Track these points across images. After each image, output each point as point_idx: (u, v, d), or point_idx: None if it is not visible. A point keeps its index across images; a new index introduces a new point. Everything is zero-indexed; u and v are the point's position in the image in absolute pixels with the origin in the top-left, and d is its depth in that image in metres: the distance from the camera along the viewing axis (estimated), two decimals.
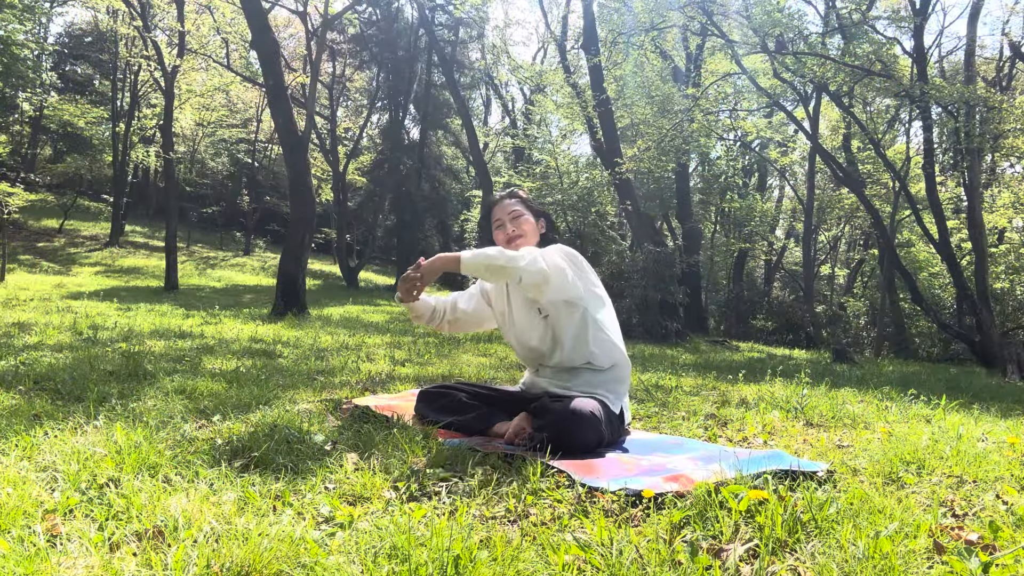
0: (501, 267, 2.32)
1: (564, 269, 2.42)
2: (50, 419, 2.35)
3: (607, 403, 2.40)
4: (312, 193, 11.57)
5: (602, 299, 2.59)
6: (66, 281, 16.81)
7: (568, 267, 2.45)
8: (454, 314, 2.79)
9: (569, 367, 2.52)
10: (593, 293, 2.54)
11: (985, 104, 11.57)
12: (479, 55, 30.80)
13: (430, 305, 2.75)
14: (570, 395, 2.40)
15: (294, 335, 6.71)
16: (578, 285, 2.48)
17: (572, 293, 2.46)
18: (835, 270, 28.63)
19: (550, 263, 2.38)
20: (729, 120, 18.27)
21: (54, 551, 1.30)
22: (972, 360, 12.29)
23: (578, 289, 2.48)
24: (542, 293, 2.42)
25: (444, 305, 2.78)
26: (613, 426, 2.40)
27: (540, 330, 2.56)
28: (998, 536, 1.49)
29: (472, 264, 2.33)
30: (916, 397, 4.13)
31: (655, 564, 1.32)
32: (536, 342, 2.59)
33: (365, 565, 1.28)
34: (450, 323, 2.80)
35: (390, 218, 27.03)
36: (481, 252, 2.35)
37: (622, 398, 2.51)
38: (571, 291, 2.46)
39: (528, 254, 2.37)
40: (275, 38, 12.09)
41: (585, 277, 2.53)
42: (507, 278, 2.38)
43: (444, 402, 2.59)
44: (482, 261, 2.33)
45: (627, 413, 2.56)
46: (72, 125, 25.19)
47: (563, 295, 2.46)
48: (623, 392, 2.53)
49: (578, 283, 2.48)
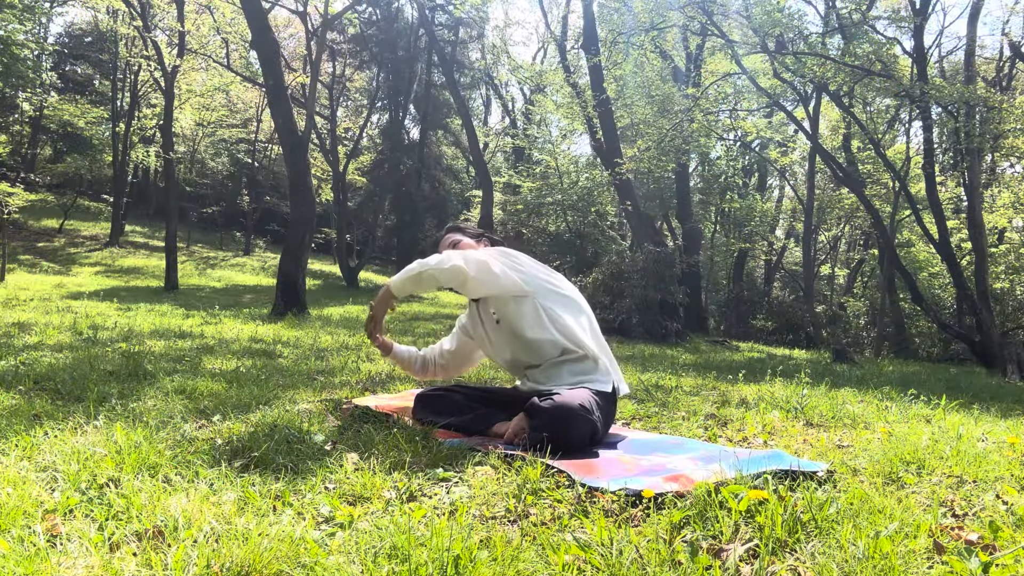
0: (419, 274, 2.48)
1: (487, 262, 2.47)
2: (50, 419, 2.35)
3: (597, 387, 2.42)
4: (312, 193, 11.57)
5: (558, 291, 2.59)
6: (66, 281, 16.81)
7: (496, 261, 2.50)
8: (443, 358, 2.95)
9: (549, 362, 2.53)
10: (543, 286, 2.56)
11: (985, 104, 11.56)
12: (479, 55, 30.81)
13: (417, 356, 2.97)
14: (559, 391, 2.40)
15: (294, 335, 6.71)
16: (513, 277, 2.50)
17: (506, 285, 2.50)
18: (835, 270, 28.63)
19: (470, 259, 2.47)
20: (729, 120, 18.26)
21: (54, 551, 1.30)
22: (972, 360, 12.29)
23: (515, 282, 2.50)
24: (471, 288, 2.51)
25: (432, 353, 2.96)
26: (608, 408, 2.43)
27: (504, 336, 2.60)
28: (998, 536, 1.49)
29: (398, 285, 2.51)
30: (916, 397, 4.13)
31: (655, 564, 1.33)
32: (509, 352, 2.63)
33: (365, 565, 1.28)
34: (443, 368, 2.98)
35: (390, 218, 27.05)
36: (403, 271, 2.52)
37: (608, 374, 2.51)
38: (504, 283, 2.49)
39: (439, 256, 2.50)
40: (275, 38, 12.09)
41: (526, 270, 2.55)
42: (431, 283, 2.50)
43: (443, 404, 2.59)
44: (404, 277, 2.50)
45: (622, 386, 2.57)
46: (72, 125, 25.19)
47: (497, 289, 2.51)
48: (610, 369, 2.53)
49: (513, 275, 2.50)
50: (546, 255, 15.64)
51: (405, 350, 3.01)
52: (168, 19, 19.98)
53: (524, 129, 24.19)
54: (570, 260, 15.11)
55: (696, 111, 14.73)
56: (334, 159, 24.00)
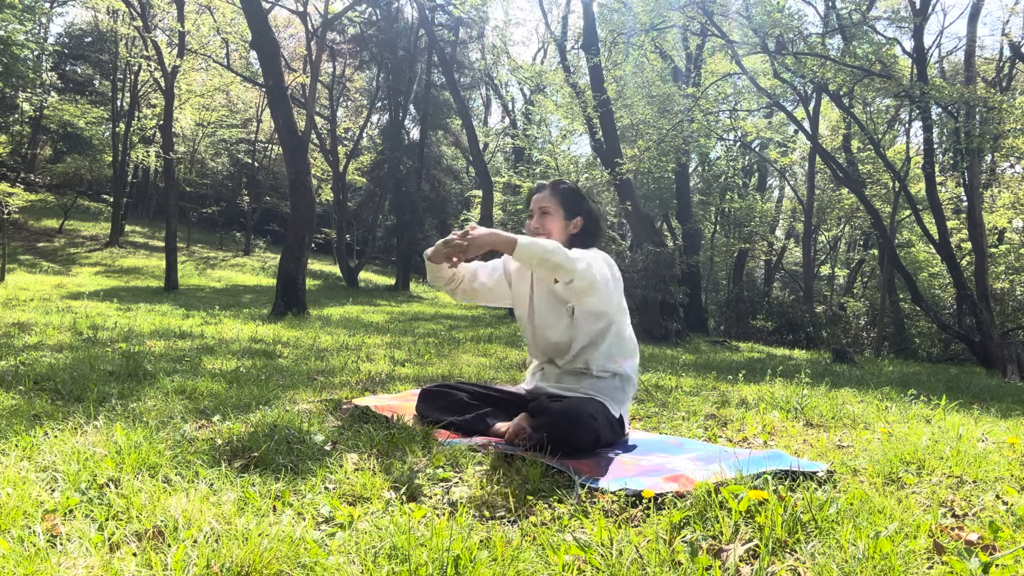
0: (557, 264, 2.21)
1: (608, 280, 2.40)
2: (50, 419, 2.35)
3: (607, 406, 2.39)
4: (312, 193, 11.57)
5: (627, 312, 2.58)
6: (66, 281, 16.81)
7: (610, 278, 2.43)
8: (472, 284, 2.67)
9: (576, 371, 2.50)
10: (622, 307, 2.53)
11: (985, 104, 11.56)
12: (479, 55, 30.80)
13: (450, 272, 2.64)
14: (569, 396, 2.39)
15: (294, 335, 6.71)
16: (613, 299, 2.46)
17: (607, 306, 2.45)
18: (835, 270, 28.64)
19: (599, 273, 2.33)
20: (729, 120, 18.27)
21: (54, 551, 1.30)
22: (972, 360, 12.28)
23: (612, 303, 2.46)
24: (581, 299, 2.38)
25: (464, 272, 2.64)
26: (612, 429, 2.38)
27: (563, 327, 2.50)
28: (998, 536, 1.49)
29: (527, 251, 2.18)
30: (916, 397, 4.13)
31: (655, 564, 1.32)
32: (556, 337, 2.52)
33: (365, 565, 1.28)
34: (465, 292, 2.69)
35: (390, 218, 27.02)
36: (538, 243, 2.22)
37: (624, 405, 2.48)
38: (607, 304, 2.45)
39: (584, 259, 2.28)
40: (275, 38, 12.09)
41: (619, 290, 2.51)
42: (558, 275, 2.25)
43: (445, 402, 2.58)
44: (538, 252, 2.19)
45: (627, 421, 2.52)
46: (72, 125, 25.20)
47: (600, 306, 2.44)
48: (626, 400, 2.50)
49: (613, 297, 2.46)
50: None
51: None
52: (168, 19, 19.99)
53: (524, 129, 24.18)
54: None
55: (696, 111, 14.73)
56: (334, 159, 24.01)
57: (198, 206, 30.05)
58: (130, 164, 26.63)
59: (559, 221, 2.55)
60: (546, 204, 2.55)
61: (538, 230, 2.54)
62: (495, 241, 2.20)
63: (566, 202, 2.56)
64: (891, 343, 17.64)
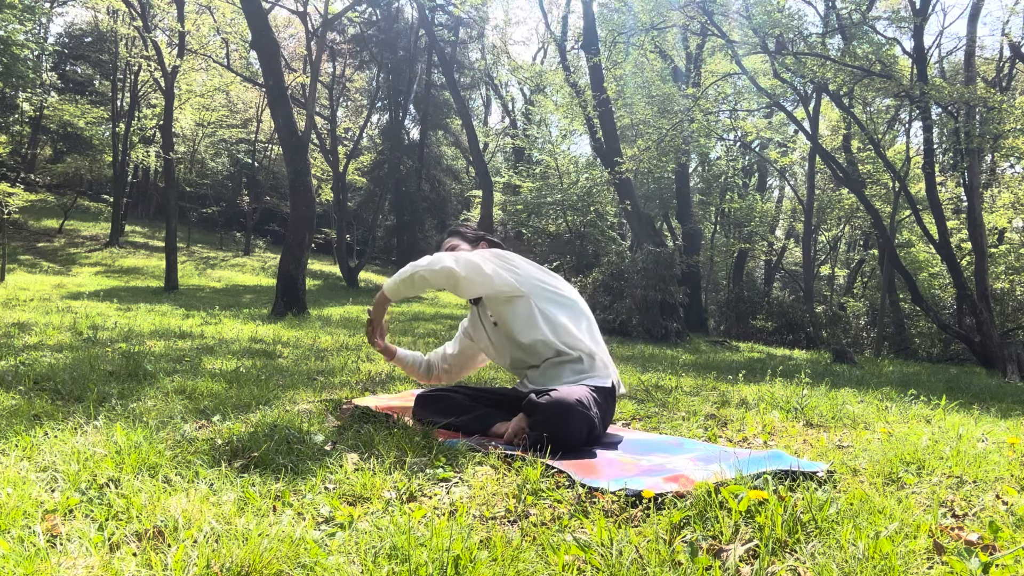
0: (410, 276, 2.50)
1: (479, 263, 2.48)
2: (50, 419, 2.35)
3: (596, 383, 2.42)
4: (312, 193, 11.57)
5: (554, 291, 2.59)
6: (66, 281, 16.81)
7: (488, 262, 2.50)
8: (447, 362, 2.98)
9: (547, 363, 2.53)
10: (537, 286, 2.55)
11: (985, 104, 11.56)
12: (479, 55, 30.81)
13: (421, 360, 3.01)
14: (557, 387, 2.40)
15: (294, 335, 6.71)
16: (506, 278, 2.50)
17: (499, 286, 2.50)
18: (835, 270, 28.64)
19: (461, 260, 2.47)
20: (729, 120, 18.27)
21: (54, 551, 1.30)
22: (972, 360, 12.29)
23: (507, 282, 2.50)
24: (463, 289, 2.51)
25: (436, 358, 3.00)
26: (607, 404, 2.43)
27: (502, 337, 2.62)
28: (998, 536, 1.49)
29: (392, 288, 2.55)
30: (916, 397, 4.13)
31: (655, 564, 1.32)
32: (508, 353, 2.64)
33: (365, 565, 1.28)
34: (446, 372, 3.01)
35: (390, 218, 27.05)
36: (396, 274, 2.56)
37: (611, 372, 2.53)
38: (496, 284, 2.50)
39: (431, 257, 2.52)
40: (275, 38, 12.09)
41: (521, 272, 2.55)
42: (423, 284, 2.52)
43: (443, 404, 2.59)
44: (396, 281, 2.54)
45: (620, 386, 2.59)
46: (72, 125, 25.19)
47: (490, 290, 2.51)
48: (610, 370, 2.54)
49: (506, 276, 2.51)
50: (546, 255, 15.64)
51: (409, 355, 3.04)
52: (168, 19, 19.98)
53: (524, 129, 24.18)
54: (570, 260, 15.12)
55: (696, 111, 14.73)
56: (334, 159, 24.01)
57: (198, 206, 30.04)
58: (130, 164, 26.62)
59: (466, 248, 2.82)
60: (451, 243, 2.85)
61: None
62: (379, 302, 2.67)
63: (465, 237, 2.88)
64: (891, 343, 17.64)
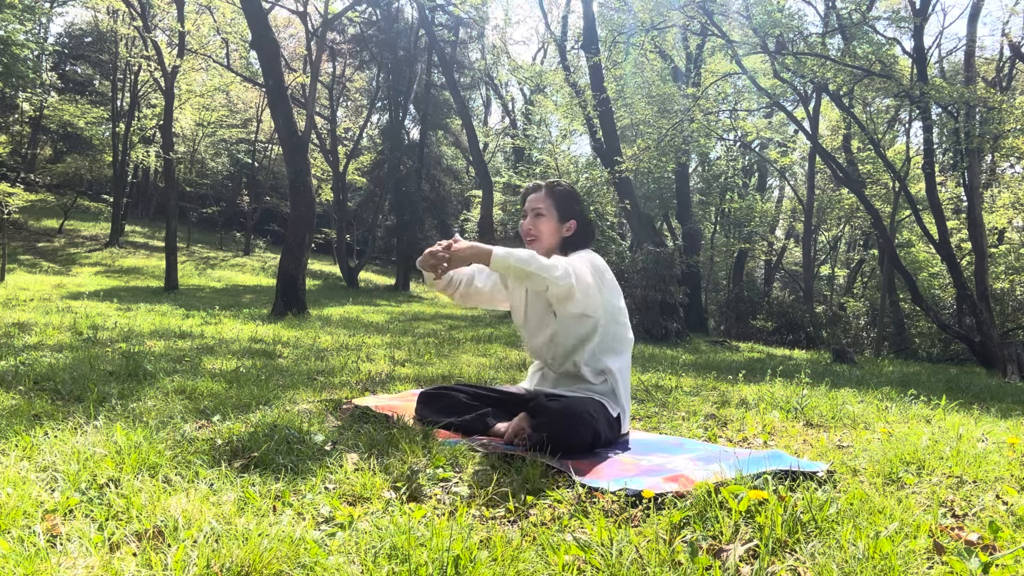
0: (530, 274, 2.28)
1: (591, 286, 2.40)
2: (50, 419, 2.35)
3: (605, 405, 2.39)
4: (312, 193, 11.57)
5: (621, 311, 2.54)
6: (66, 281, 16.81)
7: (594, 283, 2.42)
8: (468, 288, 2.71)
9: (569, 373, 2.51)
10: (612, 306, 2.50)
11: (985, 104, 11.56)
12: (479, 55, 30.79)
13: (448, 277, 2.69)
14: (568, 395, 2.39)
15: (294, 335, 6.70)
16: (597, 301, 2.44)
17: (590, 309, 2.44)
18: (835, 270, 28.64)
19: (580, 279, 2.35)
20: (729, 120, 18.25)
21: (54, 551, 1.30)
22: (972, 360, 12.29)
23: (596, 305, 2.44)
24: (564, 306, 2.41)
25: (461, 276, 2.70)
26: (611, 427, 2.38)
27: (549, 330, 2.53)
28: (998, 536, 1.49)
29: (502, 262, 2.27)
30: (916, 397, 4.13)
31: (655, 564, 1.32)
32: (543, 340, 2.56)
33: (365, 565, 1.28)
34: (463, 295, 2.73)
35: (390, 218, 27.02)
36: (514, 253, 2.29)
37: (620, 403, 2.48)
38: (590, 307, 2.44)
39: (560, 266, 2.32)
40: (275, 38, 12.09)
41: (607, 290, 2.48)
42: (534, 285, 2.34)
43: (444, 403, 2.58)
44: (513, 263, 2.27)
45: (625, 421, 2.50)
46: (72, 125, 25.20)
47: (581, 309, 2.43)
48: (621, 398, 2.50)
49: (599, 297, 2.45)
50: None
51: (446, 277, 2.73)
52: (168, 19, 19.99)
53: (524, 129, 24.17)
54: None
55: (696, 111, 14.73)
56: (334, 159, 24.01)
57: (198, 206, 30.05)
58: (130, 164, 26.63)
59: (552, 223, 2.58)
60: (540, 206, 2.58)
61: (531, 231, 2.58)
62: (474, 254, 2.30)
63: (560, 205, 2.59)
64: (891, 343, 17.64)
